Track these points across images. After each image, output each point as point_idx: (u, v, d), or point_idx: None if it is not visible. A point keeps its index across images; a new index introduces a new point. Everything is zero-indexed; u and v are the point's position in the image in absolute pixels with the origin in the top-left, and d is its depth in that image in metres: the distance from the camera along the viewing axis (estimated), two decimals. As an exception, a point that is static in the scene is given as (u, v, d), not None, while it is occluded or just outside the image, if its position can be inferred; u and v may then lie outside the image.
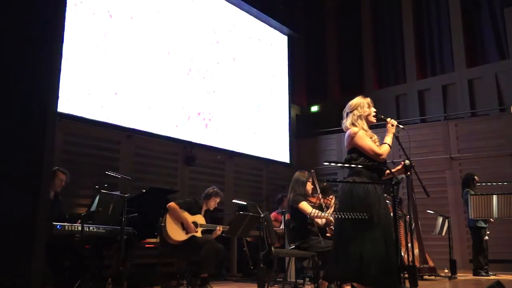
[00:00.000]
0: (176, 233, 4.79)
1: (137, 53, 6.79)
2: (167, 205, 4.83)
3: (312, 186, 4.64)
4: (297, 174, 4.67)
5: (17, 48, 1.41)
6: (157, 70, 7.07)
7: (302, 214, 4.33)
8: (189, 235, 4.82)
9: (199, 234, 4.93)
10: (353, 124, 3.22)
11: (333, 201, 4.50)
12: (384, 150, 3.12)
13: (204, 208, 5.18)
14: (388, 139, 3.17)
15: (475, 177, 6.82)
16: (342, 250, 3.01)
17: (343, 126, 3.29)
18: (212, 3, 8.35)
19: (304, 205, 4.31)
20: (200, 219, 5.02)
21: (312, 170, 4.72)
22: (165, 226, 4.76)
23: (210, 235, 5.03)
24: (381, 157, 3.10)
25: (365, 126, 3.21)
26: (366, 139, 3.13)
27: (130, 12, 6.79)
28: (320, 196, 4.51)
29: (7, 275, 1.28)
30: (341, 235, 3.07)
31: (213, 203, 5.19)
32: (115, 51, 6.49)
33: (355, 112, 3.24)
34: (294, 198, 4.43)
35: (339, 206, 3.15)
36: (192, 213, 4.99)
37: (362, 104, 3.25)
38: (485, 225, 6.62)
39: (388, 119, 3.23)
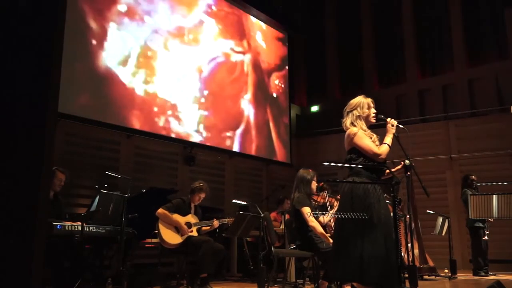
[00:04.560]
0: (172, 238, 4.76)
1: (136, 53, 6.79)
2: (156, 213, 4.76)
3: (316, 185, 4.57)
4: (301, 172, 4.53)
5: (17, 47, 1.41)
6: (156, 70, 7.07)
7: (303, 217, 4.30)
8: (185, 236, 4.79)
9: (194, 234, 4.91)
10: (352, 124, 3.21)
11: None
12: (383, 150, 3.11)
13: (192, 204, 5.10)
14: (388, 139, 3.16)
15: (473, 176, 6.83)
16: (342, 250, 3.01)
17: (343, 125, 3.29)
18: (212, 3, 8.35)
19: (305, 211, 4.24)
20: (192, 218, 4.97)
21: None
22: (159, 232, 4.73)
23: (208, 237, 4.97)
24: (380, 157, 3.09)
25: (364, 126, 3.21)
26: (366, 139, 3.12)
27: (132, 13, 6.79)
28: (326, 194, 4.47)
29: (7, 275, 1.28)
30: (341, 235, 3.07)
31: (197, 198, 5.09)
32: (115, 50, 6.49)
33: (355, 112, 3.23)
34: (298, 199, 4.35)
35: (340, 206, 3.15)
36: (183, 213, 4.91)
37: (362, 105, 3.25)
38: (482, 225, 6.63)
39: (388, 119, 3.22)
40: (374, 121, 3.26)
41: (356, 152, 3.16)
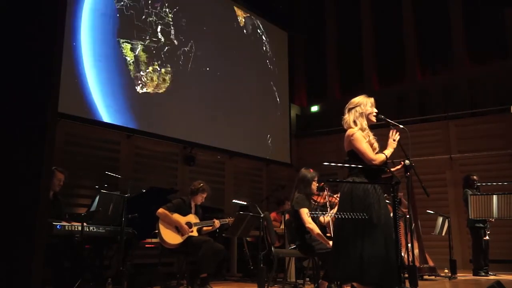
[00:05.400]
0: (172, 237, 4.75)
1: (135, 53, 6.79)
2: (156, 212, 4.76)
3: (317, 185, 4.55)
4: (303, 171, 4.50)
5: (17, 47, 1.41)
6: (156, 69, 7.06)
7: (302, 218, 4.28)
8: (185, 236, 4.79)
9: (195, 234, 4.91)
10: (354, 122, 3.22)
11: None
12: (378, 157, 3.10)
13: (193, 204, 5.09)
14: (388, 152, 3.14)
15: (474, 176, 6.83)
16: (342, 251, 3.01)
17: (344, 122, 3.29)
18: (212, 2, 8.35)
19: (304, 212, 4.23)
20: (192, 218, 4.96)
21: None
22: (159, 232, 4.73)
23: (208, 237, 4.96)
24: (373, 163, 3.09)
25: (365, 124, 3.21)
26: (363, 143, 3.11)
27: (133, 14, 6.78)
28: (327, 194, 4.45)
29: (7, 275, 1.28)
30: (341, 236, 3.07)
31: (199, 199, 5.09)
32: (115, 51, 6.49)
33: (357, 109, 3.24)
34: (297, 200, 4.34)
35: (339, 207, 3.15)
36: (183, 213, 4.90)
37: (365, 102, 3.26)
38: (483, 225, 6.63)
39: (391, 133, 3.19)
40: (375, 120, 3.27)
41: (353, 155, 3.16)
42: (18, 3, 1.39)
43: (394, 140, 3.18)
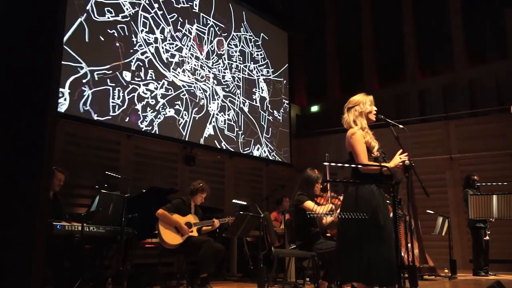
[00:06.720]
0: (172, 238, 4.76)
1: (136, 51, 6.79)
2: (156, 213, 4.77)
3: (320, 187, 4.54)
4: (308, 172, 4.50)
5: (17, 47, 1.41)
6: (156, 69, 7.06)
7: (306, 214, 4.27)
8: (185, 236, 4.79)
9: (195, 234, 4.91)
10: (354, 122, 3.20)
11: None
12: (371, 164, 3.08)
13: (192, 204, 5.11)
14: (388, 164, 3.10)
15: (475, 176, 6.83)
16: (346, 251, 3.00)
17: (344, 122, 3.27)
18: (212, 2, 8.34)
19: (309, 204, 4.23)
20: (192, 218, 4.97)
21: (326, 162, 4.51)
22: (159, 233, 4.74)
23: (208, 237, 4.97)
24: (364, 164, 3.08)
25: (364, 123, 3.20)
26: (360, 145, 3.10)
27: (131, 11, 6.78)
28: (329, 195, 4.45)
29: (7, 275, 1.28)
30: (346, 236, 3.06)
31: (199, 199, 5.11)
32: (115, 50, 6.49)
33: (357, 108, 3.22)
34: (298, 197, 4.35)
35: (343, 208, 3.13)
36: (183, 213, 4.91)
37: (364, 101, 3.24)
38: (483, 225, 6.63)
39: (400, 152, 3.14)
40: (374, 119, 3.26)
41: (351, 154, 3.16)
42: (18, 3, 1.39)
43: (400, 158, 3.13)
